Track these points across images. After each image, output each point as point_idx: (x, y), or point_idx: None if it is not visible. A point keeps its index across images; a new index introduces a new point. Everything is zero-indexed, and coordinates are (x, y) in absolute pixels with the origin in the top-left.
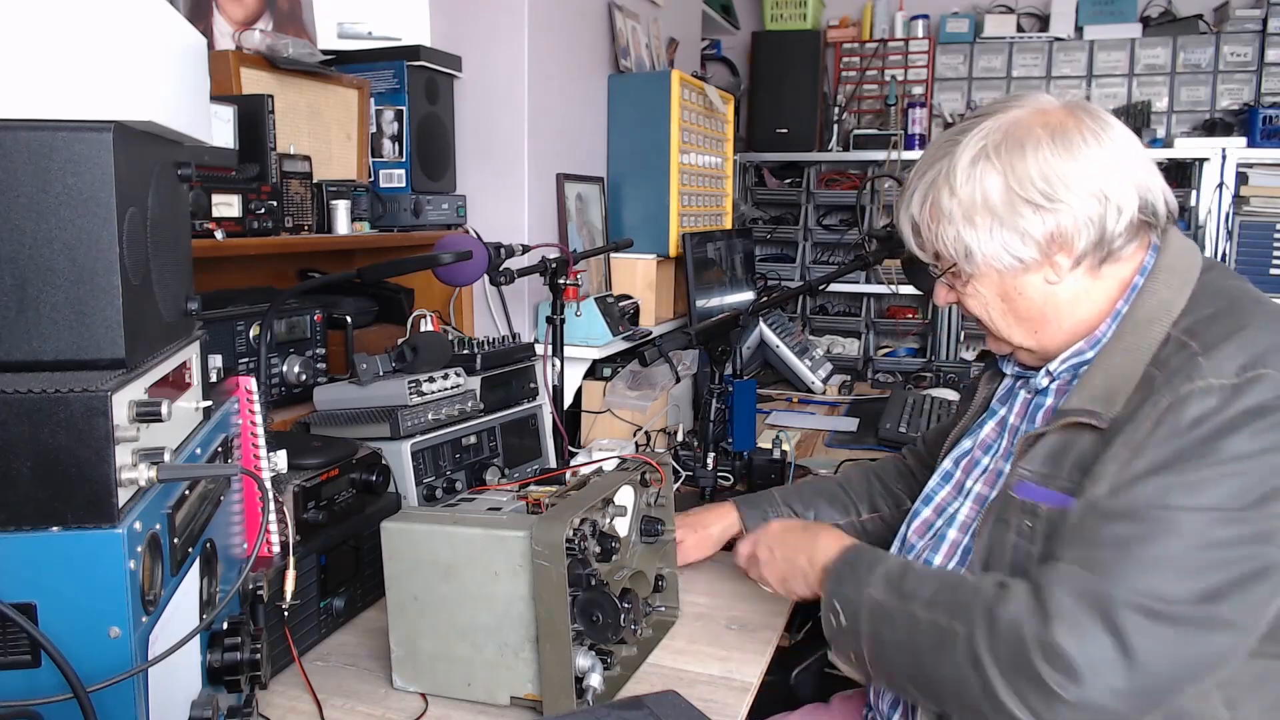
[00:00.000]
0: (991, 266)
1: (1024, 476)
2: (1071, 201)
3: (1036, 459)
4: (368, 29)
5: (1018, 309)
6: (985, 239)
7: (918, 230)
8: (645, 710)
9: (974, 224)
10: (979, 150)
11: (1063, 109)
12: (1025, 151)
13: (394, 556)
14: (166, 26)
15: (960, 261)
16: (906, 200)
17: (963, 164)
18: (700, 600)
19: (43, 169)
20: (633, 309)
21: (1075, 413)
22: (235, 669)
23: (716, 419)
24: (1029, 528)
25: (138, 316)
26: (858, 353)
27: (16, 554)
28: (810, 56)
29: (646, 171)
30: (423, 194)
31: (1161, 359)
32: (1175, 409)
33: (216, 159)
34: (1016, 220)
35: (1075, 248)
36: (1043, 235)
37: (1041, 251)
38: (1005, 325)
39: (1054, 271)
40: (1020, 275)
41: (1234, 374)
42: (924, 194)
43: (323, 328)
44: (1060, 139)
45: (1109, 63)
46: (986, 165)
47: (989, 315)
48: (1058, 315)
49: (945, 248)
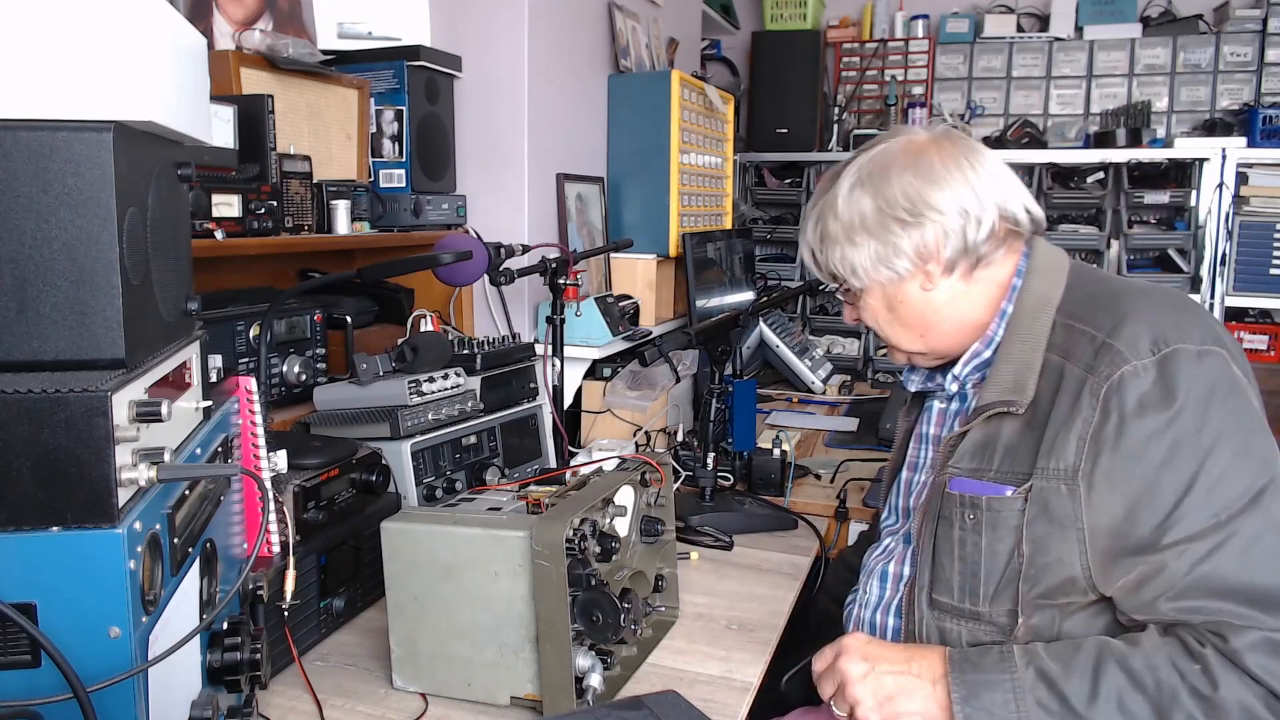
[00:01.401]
0: (874, 280)
1: (956, 474)
2: (933, 217)
3: (965, 456)
4: (368, 29)
5: (902, 316)
6: (865, 255)
7: (814, 255)
8: (645, 710)
9: (854, 243)
10: (855, 179)
11: (928, 139)
12: (890, 176)
13: (394, 556)
14: (166, 26)
15: (848, 278)
16: (802, 230)
17: (843, 192)
18: (700, 600)
19: (43, 169)
20: (633, 309)
21: (992, 405)
22: (235, 669)
23: (716, 419)
24: (972, 520)
25: (138, 316)
26: (858, 353)
27: (16, 554)
28: (810, 56)
29: (646, 171)
30: (423, 194)
31: (1056, 343)
32: (1115, 395)
33: (216, 159)
34: (888, 236)
35: (942, 257)
36: (911, 248)
37: (913, 262)
38: (894, 332)
39: (928, 280)
40: (899, 285)
41: (1149, 351)
42: (815, 222)
43: (323, 328)
44: (921, 164)
45: (1109, 63)
46: (860, 191)
47: (879, 325)
48: (939, 318)
49: (835, 267)
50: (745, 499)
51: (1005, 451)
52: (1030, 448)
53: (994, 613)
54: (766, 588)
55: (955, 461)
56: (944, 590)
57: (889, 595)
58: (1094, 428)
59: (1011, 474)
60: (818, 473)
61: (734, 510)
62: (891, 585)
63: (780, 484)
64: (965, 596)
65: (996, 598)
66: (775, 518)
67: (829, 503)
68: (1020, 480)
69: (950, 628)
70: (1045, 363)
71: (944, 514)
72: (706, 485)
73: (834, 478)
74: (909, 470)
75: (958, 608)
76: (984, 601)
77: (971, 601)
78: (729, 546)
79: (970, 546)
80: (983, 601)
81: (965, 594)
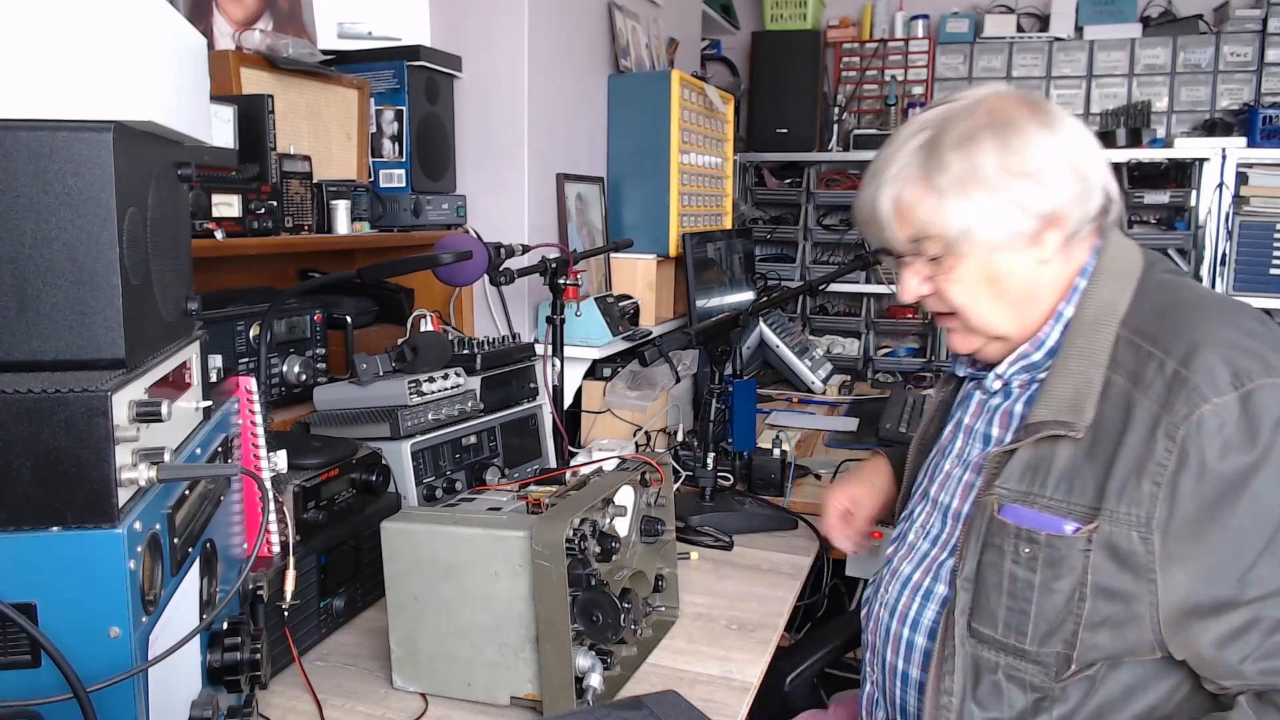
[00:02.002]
0: (985, 244)
1: (1007, 498)
2: (1062, 178)
3: (1013, 476)
4: (368, 29)
5: (1005, 291)
6: (983, 213)
7: (903, 208)
8: (645, 710)
9: (969, 198)
10: (965, 130)
11: (1030, 95)
12: (1013, 128)
13: (394, 556)
14: (166, 26)
15: (953, 240)
16: (884, 180)
17: (951, 142)
18: (700, 600)
19: (43, 169)
20: (633, 309)
21: (1048, 425)
22: (235, 669)
23: (716, 419)
24: (1027, 554)
25: (138, 316)
26: (858, 353)
27: (16, 554)
28: (810, 56)
29: (646, 171)
30: (423, 194)
31: (1120, 362)
32: (1195, 437)
33: (216, 159)
34: (1013, 193)
35: (1066, 225)
36: (1039, 209)
37: (1037, 226)
38: (990, 311)
39: (1042, 250)
40: (1012, 253)
41: (1230, 387)
42: (911, 171)
43: (323, 328)
44: (1043, 118)
45: (1109, 63)
46: (975, 143)
47: (973, 302)
48: (1041, 296)
49: (938, 225)
50: (745, 499)
51: (1061, 478)
52: (1093, 480)
53: (1042, 653)
54: (766, 588)
55: (1004, 481)
56: (986, 621)
57: (914, 608)
58: (1171, 473)
59: (1071, 506)
60: (818, 473)
61: (734, 510)
62: (914, 596)
63: (780, 484)
64: (1011, 632)
65: (1048, 639)
66: (775, 518)
67: None
68: (1083, 516)
69: (988, 658)
70: (1107, 382)
71: (993, 542)
72: (706, 485)
73: (834, 478)
74: (938, 454)
75: (1000, 641)
76: (1032, 640)
77: (1017, 639)
78: (729, 546)
79: (1022, 583)
80: (1030, 640)
81: (1011, 630)
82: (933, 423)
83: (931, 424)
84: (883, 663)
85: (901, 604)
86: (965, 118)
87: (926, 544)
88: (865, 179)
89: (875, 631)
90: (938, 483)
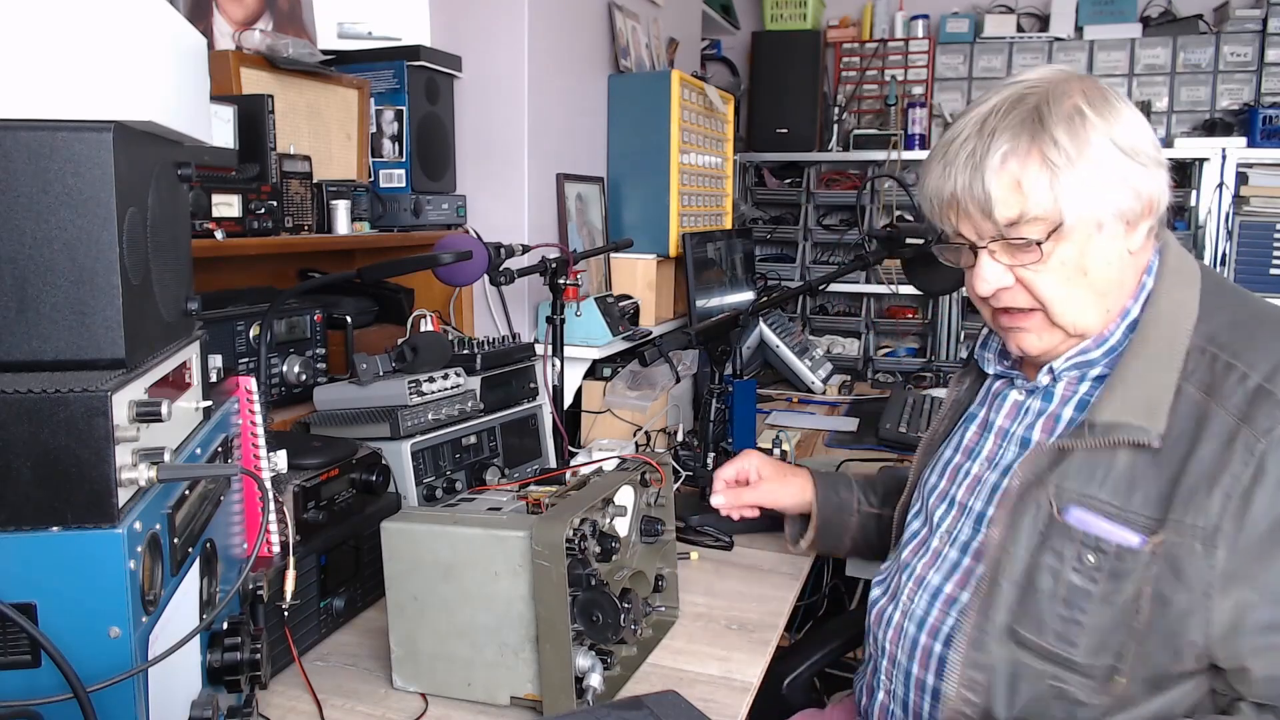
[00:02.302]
0: (1091, 225)
1: (1068, 498)
2: (1157, 160)
3: (1070, 474)
4: (368, 29)
5: (1098, 282)
6: (1095, 192)
7: (1015, 187)
8: (645, 710)
9: (1081, 176)
10: (1071, 104)
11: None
12: (1117, 109)
13: (394, 556)
14: (166, 26)
15: (1063, 219)
16: (990, 159)
17: (1060, 116)
18: (700, 600)
19: (43, 169)
20: (633, 309)
21: (1123, 428)
22: (235, 669)
23: (716, 419)
24: (1092, 563)
25: (138, 316)
26: (858, 353)
27: (16, 554)
28: (810, 56)
29: (646, 171)
30: (423, 194)
31: (1194, 372)
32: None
33: (216, 159)
34: (1123, 173)
35: (1157, 211)
36: (1145, 192)
37: (1138, 211)
38: (1080, 303)
39: (1134, 239)
40: (1111, 240)
41: None
42: (1021, 147)
43: (323, 328)
44: (1123, 100)
45: (1109, 63)
46: (1084, 118)
47: (1065, 293)
48: (1122, 293)
49: (1049, 203)
50: None
51: (1121, 483)
52: (1159, 490)
53: (1092, 666)
54: (766, 588)
55: (1059, 479)
56: (1032, 627)
57: (949, 623)
58: (1245, 486)
59: (1135, 516)
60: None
61: None
62: (947, 609)
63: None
64: (1062, 642)
65: (1100, 650)
66: (775, 518)
67: None
68: (1149, 528)
69: (1030, 666)
70: (1180, 391)
71: (1052, 545)
72: (706, 485)
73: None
74: (963, 455)
75: (1049, 650)
76: (1083, 653)
77: (1068, 649)
78: (729, 546)
79: (1080, 592)
80: (1081, 652)
81: (1062, 639)
82: (944, 420)
83: (943, 422)
84: (906, 676)
85: (933, 617)
86: (1065, 92)
87: (956, 552)
88: (943, 164)
89: (896, 642)
90: (964, 486)
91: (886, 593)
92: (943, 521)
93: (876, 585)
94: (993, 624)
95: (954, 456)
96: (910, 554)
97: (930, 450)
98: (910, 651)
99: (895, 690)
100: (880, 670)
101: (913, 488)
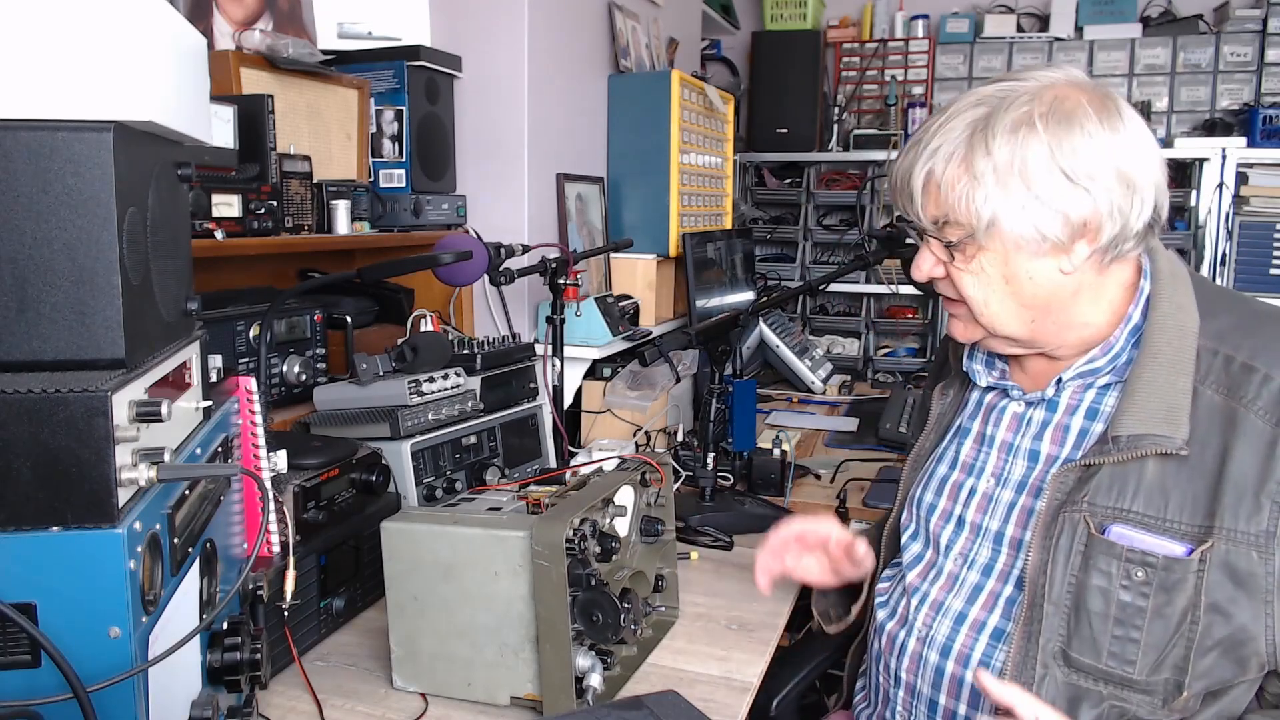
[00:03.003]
0: (1010, 241)
1: (1105, 515)
2: (1108, 186)
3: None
4: (368, 29)
5: (1022, 294)
6: (1015, 209)
7: (935, 187)
8: (645, 710)
9: (1007, 191)
10: (1023, 115)
11: (1098, 88)
12: (1074, 124)
13: (394, 556)
14: (166, 26)
15: (977, 230)
16: (925, 152)
17: (1004, 127)
18: (700, 600)
19: (43, 169)
20: (633, 309)
21: (1149, 439)
22: (235, 669)
23: (716, 419)
24: (1140, 578)
25: (138, 316)
26: (858, 353)
27: (16, 554)
28: (810, 56)
29: (646, 171)
30: (423, 194)
31: (1210, 375)
32: None
33: (216, 159)
34: (1053, 195)
35: (1100, 237)
36: (1076, 216)
37: (1068, 234)
38: (1001, 310)
39: (1069, 260)
40: (1036, 257)
41: None
42: (953, 150)
43: (323, 328)
44: (1105, 118)
45: (1109, 63)
46: (1031, 132)
47: (985, 297)
48: (1061, 308)
49: (965, 212)
50: (745, 499)
51: (1152, 491)
52: (1200, 498)
53: (1152, 682)
54: None
55: (1091, 497)
56: (1086, 650)
57: (979, 648)
58: None
59: (1176, 525)
60: (818, 473)
61: (734, 510)
62: (975, 634)
63: (780, 484)
64: (1117, 661)
65: (1159, 666)
66: (775, 518)
67: (829, 503)
68: (1195, 537)
69: (1089, 690)
70: (1198, 395)
71: (1096, 565)
72: (706, 485)
73: (834, 478)
74: (961, 472)
75: (1106, 671)
76: (1140, 670)
77: (1124, 668)
78: (729, 546)
79: (1132, 609)
80: (1140, 670)
81: (1118, 659)
82: (931, 435)
83: (930, 436)
84: (931, 706)
85: (960, 644)
86: (1026, 102)
87: (976, 574)
88: (908, 145)
89: (915, 672)
90: (973, 506)
91: (894, 617)
92: (953, 543)
93: (880, 607)
94: (1040, 649)
95: (951, 473)
96: (917, 577)
97: (918, 465)
98: (935, 681)
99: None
100: (895, 701)
101: (902, 504)
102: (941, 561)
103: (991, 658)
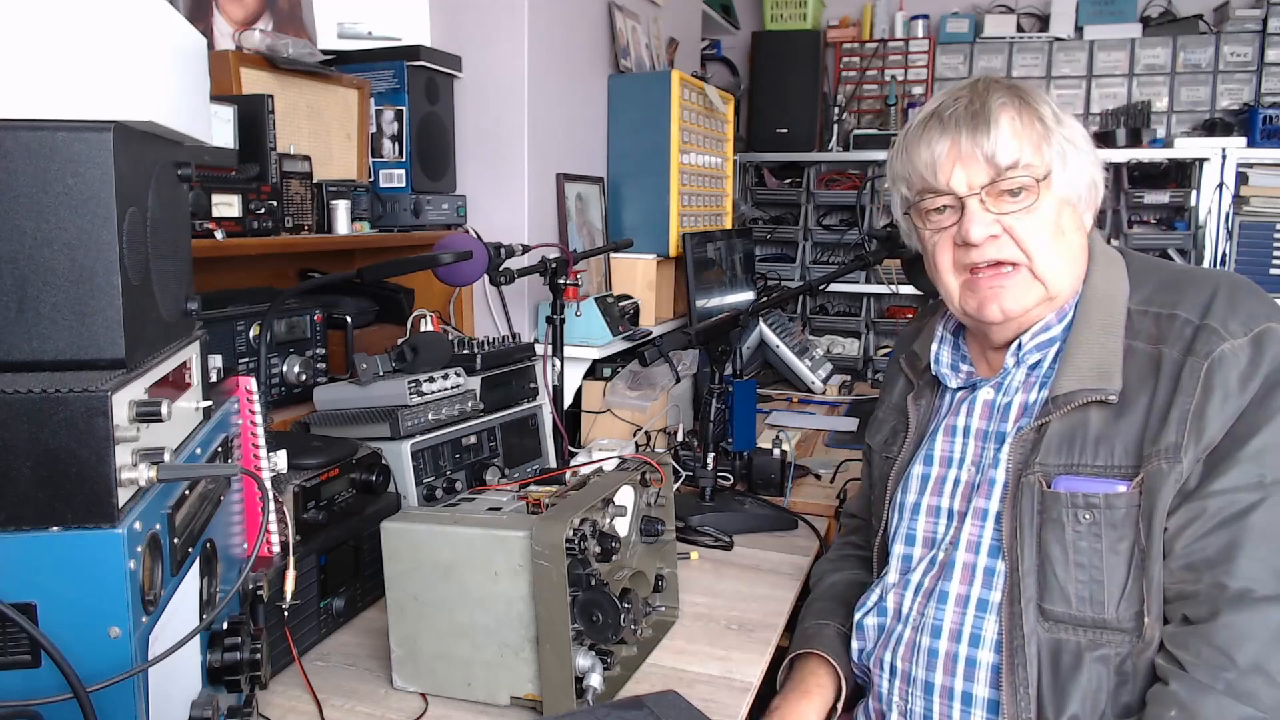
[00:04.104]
0: (1064, 192)
1: (1053, 471)
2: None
3: (1051, 450)
4: (368, 29)
5: (1070, 244)
6: (1074, 160)
7: (1014, 136)
8: (645, 710)
9: (1068, 142)
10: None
11: None
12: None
13: (394, 556)
14: (166, 26)
15: (1053, 173)
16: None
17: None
18: (700, 600)
19: (43, 169)
20: (633, 309)
21: (1080, 394)
22: (235, 669)
23: (716, 419)
24: (1089, 520)
25: (138, 316)
26: (858, 353)
27: (16, 554)
28: (810, 56)
29: (646, 171)
30: (423, 194)
31: (1141, 331)
32: (1218, 371)
33: (216, 159)
34: (1093, 159)
35: (1096, 207)
36: (1100, 187)
37: (1092, 198)
38: (1050, 250)
39: (1086, 220)
40: (1075, 212)
41: (1242, 331)
42: (1018, 104)
43: (323, 328)
44: None
45: (1109, 63)
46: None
47: (1041, 240)
48: (1080, 266)
49: (1043, 156)
50: (745, 499)
51: (1098, 443)
52: (1131, 438)
53: (1120, 618)
54: (766, 588)
55: (1042, 458)
56: (1058, 599)
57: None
58: (1196, 403)
59: (1117, 468)
60: (818, 473)
61: (734, 510)
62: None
63: (780, 484)
64: (1087, 605)
65: (1124, 600)
66: (775, 518)
67: (829, 503)
68: (1129, 474)
69: (1067, 640)
70: (1130, 350)
71: (1050, 517)
72: (706, 485)
73: (834, 478)
74: (940, 466)
75: (1078, 617)
76: (1109, 607)
77: (1095, 609)
78: (729, 546)
79: (1088, 551)
80: (1108, 607)
81: (1086, 602)
82: (911, 446)
83: (910, 447)
84: (928, 688)
85: (950, 621)
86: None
87: (964, 554)
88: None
89: (910, 659)
90: (958, 496)
91: (885, 615)
92: (944, 535)
93: (867, 616)
94: (1024, 611)
95: (929, 469)
96: (909, 574)
97: (900, 475)
98: (928, 662)
99: (912, 709)
100: (893, 692)
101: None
102: (933, 554)
103: (982, 629)
